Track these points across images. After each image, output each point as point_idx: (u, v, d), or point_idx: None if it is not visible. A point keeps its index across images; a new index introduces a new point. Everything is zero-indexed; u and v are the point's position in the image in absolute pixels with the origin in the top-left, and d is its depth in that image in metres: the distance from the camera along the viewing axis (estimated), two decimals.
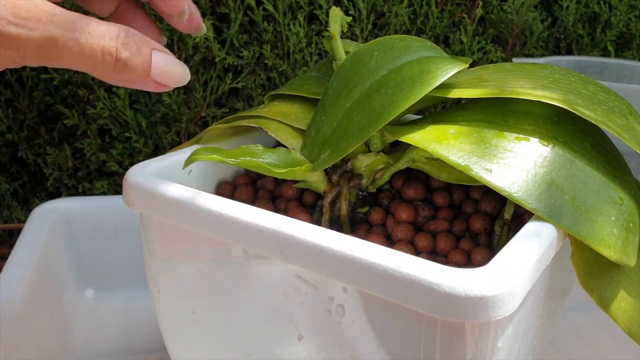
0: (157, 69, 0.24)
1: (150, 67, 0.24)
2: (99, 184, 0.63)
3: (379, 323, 0.25)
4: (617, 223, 0.26)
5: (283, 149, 0.30)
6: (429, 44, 0.31)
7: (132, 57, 0.23)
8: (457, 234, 0.30)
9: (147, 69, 0.24)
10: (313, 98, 0.34)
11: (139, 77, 0.24)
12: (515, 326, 0.25)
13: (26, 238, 0.46)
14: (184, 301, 0.32)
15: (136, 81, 0.24)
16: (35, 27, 0.22)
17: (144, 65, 0.24)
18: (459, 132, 0.28)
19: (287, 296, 0.27)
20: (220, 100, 0.63)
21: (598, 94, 0.30)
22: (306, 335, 0.28)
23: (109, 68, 0.23)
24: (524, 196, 0.25)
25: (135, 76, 0.24)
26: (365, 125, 0.28)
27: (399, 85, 0.28)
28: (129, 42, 0.23)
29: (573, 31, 0.65)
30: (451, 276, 0.22)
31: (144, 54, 0.23)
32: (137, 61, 0.23)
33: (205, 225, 0.27)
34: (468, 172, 0.26)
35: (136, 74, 0.24)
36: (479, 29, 0.64)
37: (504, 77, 0.30)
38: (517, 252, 0.23)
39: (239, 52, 0.60)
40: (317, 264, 0.24)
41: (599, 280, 0.26)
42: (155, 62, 0.24)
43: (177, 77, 0.24)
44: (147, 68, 0.24)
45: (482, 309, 0.21)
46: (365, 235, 0.31)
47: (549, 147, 0.27)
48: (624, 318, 0.27)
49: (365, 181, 0.32)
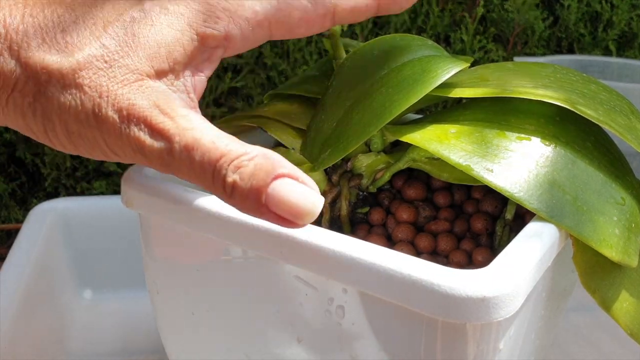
0: (274, 200, 0.20)
1: (263, 197, 0.20)
2: (98, 184, 0.62)
3: (380, 324, 0.25)
4: (619, 223, 0.26)
5: (283, 149, 0.30)
6: (429, 43, 0.31)
7: (241, 182, 0.21)
8: (458, 234, 0.30)
9: (258, 198, 0.21)
10: (313, 97, 0.34)
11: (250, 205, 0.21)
12: (517, 327, 0.25)
13: (24, 238, 0.46)
14: (182, 302, 0.32)
15: (250, 209, 0.21)
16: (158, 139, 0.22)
17: (254, 193, 0.21)
18: (460, 131, 0.27)
19: (287, 297, 0.27)
20: (219, 100, 0.63)
21: (600, 94, 0.30)
22: (306, 337, 0.27)
23: (221, 191, 0.21)
24: (525, 196, 0.25)
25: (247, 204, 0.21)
26: (366, 125, 0.28)
27: (399, 85, 0.28)
28: (244, 165, 0.21)
29: (574, 30, 0.65)
30: (452, 277, 0.21)
31: (258, 179, 0.21)
32: (246, 187, 0.21)
33: (204, 225, 0.27)
34: (469, 172, 0.26)
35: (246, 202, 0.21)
36: (480, 27, 0.64)
37: (505, 76, 0.30)
38: (519, 252, 0.23)
39: None
40: (317, 265, 0.24)
41: (601, 280, 0.26)
42: (275, 192, 0.21)
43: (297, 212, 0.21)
44: (258, 197, 0.21)
45: (483, 310, 0.21)
46: (366, 235, 0.30)
47: (550, 147, 0.27)
48: (626, 319, 0.27)
49: (366, 181, 0.32)
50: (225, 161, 0.21)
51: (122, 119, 0.22)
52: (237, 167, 0.21)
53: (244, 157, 0.21)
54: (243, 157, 0.21)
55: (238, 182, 0.21)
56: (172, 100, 0.23)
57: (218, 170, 0.21)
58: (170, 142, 0.22)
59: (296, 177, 0.21)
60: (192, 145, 0.21)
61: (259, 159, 0.21)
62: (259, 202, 0.21)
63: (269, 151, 0.21)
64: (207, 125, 0.22)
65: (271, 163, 0.21)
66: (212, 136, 0.22)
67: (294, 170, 0.21)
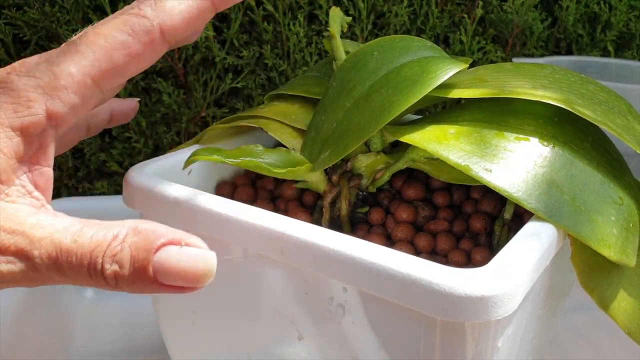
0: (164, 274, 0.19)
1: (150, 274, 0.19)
2: (99, 184, 0.63)
3: (379, 323, 0.25)
4: (617, 223, 0.26)
5: (283, 149, 0.30)
6: (429, 44, 0.31)
7: (121, 270, 0.19)
8: (457, 234, 0.30)
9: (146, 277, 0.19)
10: (313, 98, 0.34)
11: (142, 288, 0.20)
12: (515, 326, 0.25)
13: None
14: (184, 301, 0.32)
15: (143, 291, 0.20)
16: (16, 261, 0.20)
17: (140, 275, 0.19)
18: (459, 132, 0.28)
19: (287, 296, 0.27)
20: (220, 100, 0.63)
21: (598, 94, 0.30)
22: (306, 336, 0.27)
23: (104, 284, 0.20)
24: (524, 196, 0.25)
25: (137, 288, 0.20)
26: (365, 125, 0.28)
27: (399, 85, 0.28)
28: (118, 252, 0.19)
29: (573, 31, 0.65)
30: (451, 276, 0.22)
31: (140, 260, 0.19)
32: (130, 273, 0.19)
33: (205, 225, 0.27)
34: (468, 172, 0.26)
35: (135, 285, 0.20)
36: (479, 28, 0.64)
37: (504, 77, 0.30)
38: (517, 252, 0.23)
39: (239, 52, 0.60)
40: (317, 264, 0.24)
41: (599, 280, 0.26)
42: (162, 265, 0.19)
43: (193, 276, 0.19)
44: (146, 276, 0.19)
45: (482, 309, 0.21)
46: (365, 235, 0.31)
47: (548, 147, 0.27)
48: (624, 318, 0.27)
49: (365, 181, 0.32)
50: (97, 255, 0.20)
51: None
52: (112, 256, 0.19)
53: (114, 243, 0.20)
54: (114, 242, 0.20)
55: (119, 271, 0.19)
56: (15, 213, 0.20)
57: (93, 266, 0.20)
58: (31, 259, 0.20)
59: (178, 241, 0.20)
60: (56, 253, 0.20)
61: (131, 237, 0.20)
62: (150, 280, 0.19)
63: (138, 223, 0.20)
64: (64, 222, 0.20)
65: (147, 237, 0.20)
66: (73, 234, 0.20)
67: (175, 235, 0.20)
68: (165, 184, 0.29)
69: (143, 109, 0.60)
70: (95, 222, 0.20)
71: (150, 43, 0.23)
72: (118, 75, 0.23)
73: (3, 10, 0.54)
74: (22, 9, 0.54)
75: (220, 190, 0.35)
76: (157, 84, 0.58)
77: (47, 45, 0.57)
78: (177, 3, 0.23)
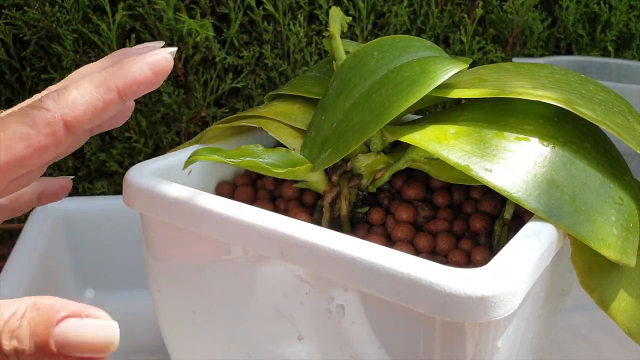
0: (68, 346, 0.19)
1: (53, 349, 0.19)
2: (99, 184, 0.63)
3: (379, 323, 0.25)
4: (617, 223, 0.26)
5: (283, 149, 0.30)
6: (429, 44, 0.31)
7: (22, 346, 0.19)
8: (457, 234, 0.30)
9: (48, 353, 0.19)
10: (313, 98, 0.34)
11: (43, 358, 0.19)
12: (515, 326, 0.25)
13: (26, 238, 0.46)
14: (184, 301, 0.32)
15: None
16: None
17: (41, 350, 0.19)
18: (459, 132, 0.28)
19: (287, 296, 0.27)
20: (220, 100, 0.63)
21: (598, 94, 0.30)
22: (306, 335, 0.27)
23: None
24: (524, 196, 0.25)
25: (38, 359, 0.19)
26: (365, 125, 0.28)
27: (399, 85, 0.28)
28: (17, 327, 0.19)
29: (573, 31, 0.65)
30: (451, 276, 0.22)
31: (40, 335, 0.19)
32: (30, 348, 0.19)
33: (206, 225, 0.27)
34: (468, 172, 0.26)
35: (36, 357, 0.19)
36: (479, 28, 0.64)
37: (504, 77, 0.30)
38: (517, 252, 0.23)
39: (239, 52, 0.60)
40: (317, 264, 0.24)
41: (599, 280, 0.26)
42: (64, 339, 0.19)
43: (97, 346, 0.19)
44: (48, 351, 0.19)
45: (482, 309, 0.21)
46: (365, 235, 0.31)
47: (548, 147, 0.27)
48: (624, 318, 0.27)
49: (365, 181, 0.32)
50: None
51: None
52: (11, 332, 0.19)
53: (13, 319, 0.20)
54: (12, 319, 0.20)
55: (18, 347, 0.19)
56: None
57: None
58: None
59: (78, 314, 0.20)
60: None
61: (30, 312, 0.20)
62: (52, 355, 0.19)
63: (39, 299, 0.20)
64: None
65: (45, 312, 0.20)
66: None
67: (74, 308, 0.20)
68: (165, 184, 0.29)
69: (143, 109, 0.60)
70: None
71: (52, 135, 0.23)
72: (19, 166, 0.23)
73: (3, 10, 0.54)
74: (22, 8, 0.54)
75: (220, 190, 0.35)
76: None
77: (47, 45, 0.57)
78: (79, 96, 0.23)
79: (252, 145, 0.29)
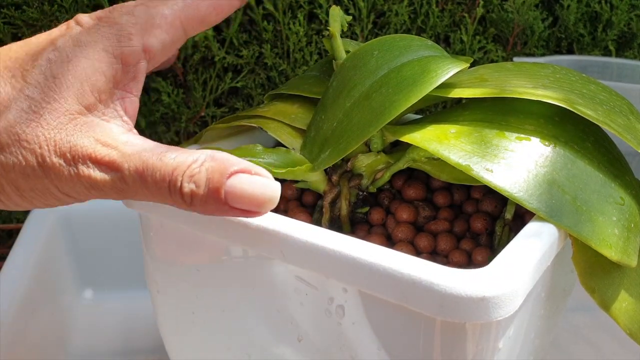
0: (234, 197, 0.22)
1: (222, 196, 0.22)
2: None
3: (380, 324, 0.25)
4: (619, 223, 0.26)
5: (283, 149, 0.30)
6: (429, 43, 0.31)
7: (197, 190, 0.22)
8: (458, 234, 0.30)
9: (218, 199, 0.22)
10: (313, 98, 0.34)
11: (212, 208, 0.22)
12: (516, 327, 0.25)
13: (25, 238, 0.46)
14: (183, 302, 0.32)
15: (213, 211, 0.22)
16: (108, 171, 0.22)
17: (213, 196, 0.22)
18: (459, 131, 0.27)
19: (287, 297, 0.27)
20: (219, 100, 0.63)
21: (599, 94, 0.30)
22: (306, 336, 0.27)
23: (180, 202, 0.22)
24: (525, 196, 0.25)
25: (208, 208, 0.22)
26: (366, 125, 0.28)
27: (399, 85, 0.28)
28: (196, 173, 0.22)
29: (574, 30, 0.65)
30: (452, 277, 0.22)
31: (214, 182, 0.22)
32: (204, 193, 0.22)
33: (205, 225, 0.27)
34: (469, 172, 0.26)
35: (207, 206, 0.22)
36: (480, 28, 0.64)
37: (504, 76, 0.30)
38: (518, 252, 0.23)
39: (239, 51, 0.60)
40: (317, 265, 0.24)
41: (600, 280, 0.26)
42: (232, 189, 0.22)
43: (259, 201, 0.22)
44: (218, 197, 0.22)
45: (483, 310, 0.21)
46: (366, 235, 0.31)
47: (550, 147, 0.27)
48: (625, 319, 0.27)
49: (366, 181, 0.32)
50: (177, 174, 0.22)
51: (68, 162, 0.22)
52: (191, 177, 0.22)
53: (194, 166, 0.22)
54: (193, 165, 0.22)
55: (195, 190, 0.22)
56: (110, 130, 0.23)
57: (173, 184, 0.22)
58: (121, 170, 0.22)
59: (249, 170, 0.22)
60: (142, 168, 0.22)
61: (209, 162, 0.22)
62: (220, 202, 0.22)
63: (216, 152, 0.22)
64: (150, 144, 0.23)
65: (222, 163, 0.22)
66: (159, 154, 0.22)
67: (246, 165, 0.22)
68: None
69: (142, 109, 0.60)
70: (177, 147, 0.23)
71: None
72: (200, 23, 0.26)
73: (2, 9, 0.54)
74: (21, 8, 0.54)
75: None
76: (156, 83, 0.58)
77: None
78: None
79: (251, 145, 0.29)
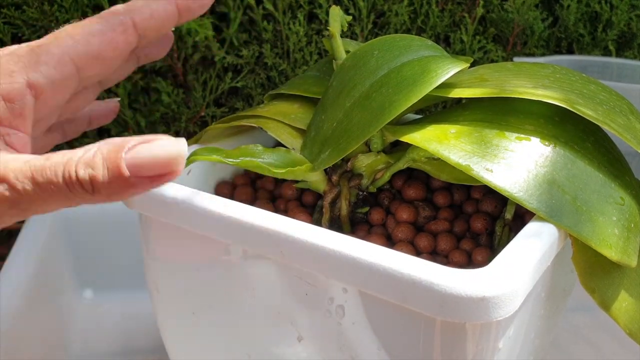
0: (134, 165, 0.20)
1: (124, 171, 0.20)
2: None
3: (380, 324, 0.25)
4: (619, 223, 0.26)
5: (283, 149, 0.30)
6: (429, 43, 0.31)
7: (96, 172, 0.20)
8: (458, 234, 0.30)
9: (120, 175, 0.20)
10: (313, 97, 0.34)
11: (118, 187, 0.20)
12: (516, 327, 0.25)
13: (25, 238, 0.46)
14: (183, 302, 0.32)
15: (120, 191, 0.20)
16: None
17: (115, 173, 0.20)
18: (459, 131, 0.27)
19: (287, 297, 0.27)
20: (219, 100, 0.63)
21: (599, 94, 0.30)
22: (306, 336, 0.27)
23: (82, 193, 0.21)
24: (525, 196, 0.25)
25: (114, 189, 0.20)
26: (366, 125, 0.28)
27: (399, 85, 0.28)
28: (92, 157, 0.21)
29: (574, 30, 0.65)
30: (452, 277, 0.21)
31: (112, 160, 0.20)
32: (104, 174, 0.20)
33: (205, 225, 0.27)
34: (469, 172, 0.26)
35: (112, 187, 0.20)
36: (480, 28, 0.64)
37: (504, 76, 0.30)
38: (518, 252, 0.23)
39: (239, 51, 0.60)
40: (317, 265, 0.24)
41: (600, 280, 0.26)
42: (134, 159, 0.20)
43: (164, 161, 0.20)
44: (120, 174, 0.20)
45: (483, 310, 0.21)
46: (366, 235, 0.31)
47: (550, 147, 0.27)
48: (625, 319, 0.27)
49: (366, 181, 0.32)
50: (71, 164, 0.21)
51: None
52: (86, 162, 0.20)
53: (87, 154, 0.21)
54: (86, 153, 0.21)
55: (93, 173, 0.20)
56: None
57: (68, 175, 0.21)
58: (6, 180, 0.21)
59: (147, 140, 0.21)
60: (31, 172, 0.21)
61: (104, 146, 0.21)
62: (123, 178, 0.20)
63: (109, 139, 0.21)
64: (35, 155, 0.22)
65: (117, 144, 0.20)
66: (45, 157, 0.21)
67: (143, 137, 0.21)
68: (165, 184, 0.29)
69: (142, 109, 0.60)
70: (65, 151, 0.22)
71: (124, 33, 0.26)
72: (94, 59, 0.25)
73: (2, 9, 0.54)
74: (21, 8, 0.54)
75: (220, 190, 0.35)
76: (156, 83, 0.58)
77: None
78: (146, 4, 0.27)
79: (251, 145, 0.29)
